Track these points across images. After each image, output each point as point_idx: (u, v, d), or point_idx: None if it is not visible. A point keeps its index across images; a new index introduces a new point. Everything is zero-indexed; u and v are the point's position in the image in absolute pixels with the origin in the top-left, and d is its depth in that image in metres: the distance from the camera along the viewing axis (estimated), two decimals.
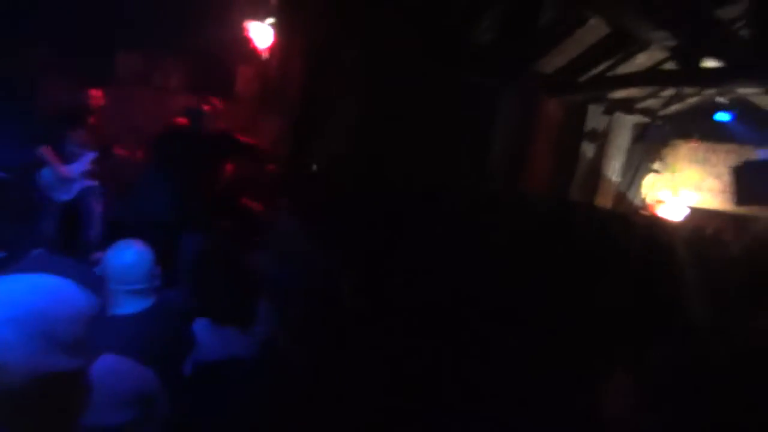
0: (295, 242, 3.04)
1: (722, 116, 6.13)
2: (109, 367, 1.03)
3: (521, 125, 5.78)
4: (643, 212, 7.35)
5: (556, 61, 5.54)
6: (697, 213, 6.96)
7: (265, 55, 4.93)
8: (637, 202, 7.52)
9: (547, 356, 2.07)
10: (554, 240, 3.07)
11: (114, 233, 3.24)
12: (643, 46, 5.03)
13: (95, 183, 3.52)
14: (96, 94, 3.42)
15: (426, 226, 3.34)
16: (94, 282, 0.86)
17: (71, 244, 3.21)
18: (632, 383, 1.82)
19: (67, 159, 3.37)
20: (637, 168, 7.36)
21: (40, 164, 3.27)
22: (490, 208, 3.94)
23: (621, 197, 7.29)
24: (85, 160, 3.44)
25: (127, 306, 1.49)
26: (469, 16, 4.70)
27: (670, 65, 5.31)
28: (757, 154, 6.21)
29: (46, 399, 0.71)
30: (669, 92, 6.12)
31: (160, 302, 1.64)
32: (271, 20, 4.83)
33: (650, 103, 6.57)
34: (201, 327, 1.81)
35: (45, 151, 3.26)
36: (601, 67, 5.55)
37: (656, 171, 7.38)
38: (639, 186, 7.50)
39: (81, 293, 0.80)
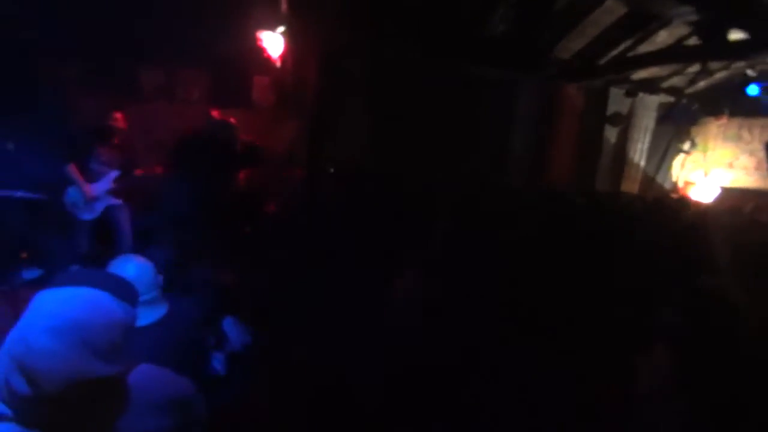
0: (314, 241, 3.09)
1: (753, 90, 5.85)
2: (142, 374, 1.06)
3: (541, 115, 5.66)
4: (673, 195, 7.09)
5: (573, 45, 5.40)
6: (730, 193, 6.67)
7: (278, 64, 5.01)
8: (666, 185, 7.26)
9: (575, 349, 2.03)
10: (577, 235, 3.00)
11: (142, 244, 3.35)
12: (664, 23, 4.85)
13: (119, 201, 3.58)
14: (120, 117, 3.54)
15: (444, 224, 3.31)
16: (130, 293, 0.90)
17: (102, 261, 3.32)
18: (662, 366, 1.76)
19: (92, 177, 3.43)
20: (665, 150, 7.11)
21: (68, 183, 3.35)
22: (510, 205, 3.88)
23: (649, 181, 7.05)
24: (109, 179, 3.51)
25: (141, 318, 1.50)
26: (481, 8, 4.63)
27: (693, 41, 5.11)
28: None
29: (86, 403, 0.75)
30: (694, 69, 5.88)
31: (174, 310, 1.68)
32: (281, 29, 4.89)
33: (675, 81, 6.33)
34: (228, 323, 1.92)
35: (71, 170, 3.33)
36: (621, 48, 5.38)
37: (686, 151, 7.11)
38: (668, 168, 7.25)
39: (116, 303, 0.84)
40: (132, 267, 1.58)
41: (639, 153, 6.74)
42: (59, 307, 0.77)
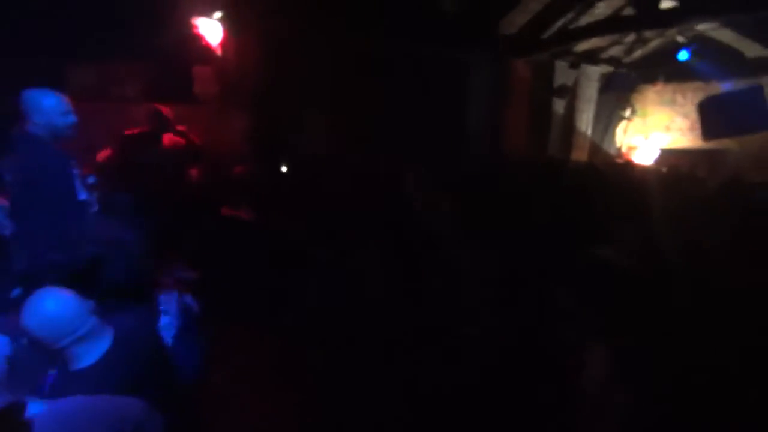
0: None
1: (683, 55, 6.18)
2: (77, 408, 0.99)
3: (492, 91, 5.72)
4: (618, 160, 7.47)
5: (517, 20, 5.47)
6: (669, 154, 7.11)
7: (219, 52, 4.72)
8: (611, 151, 7.63)
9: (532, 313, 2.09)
10: (534, 199, 3.08)
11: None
12: None
13: None
14: None
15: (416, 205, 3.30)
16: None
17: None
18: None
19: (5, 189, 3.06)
20: (608, 118, 7.43)
21: None
22: (474, 177, 3.92)
23: (596, 148, 7.38)
24: None
25: (87, 356, 1.33)
26: None
27: (629, 11, 5.31)
28: (721, 88, 6.32)
29: None
30: (631, 38, 6.14)
31: (122, 334, 1.47)
32: (218, 14, 4.60)
33: (614, 51, 6.59)
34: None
35: None
36: (563, 21, 5.51)
37: (627, 118, 7.48)
38: (612, 135, 7.60)
39: None
40: (51, 304, 1.30)
41: (585, 122, 7.01)
42: None
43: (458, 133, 5.55)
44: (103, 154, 3.74)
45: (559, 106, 6.66)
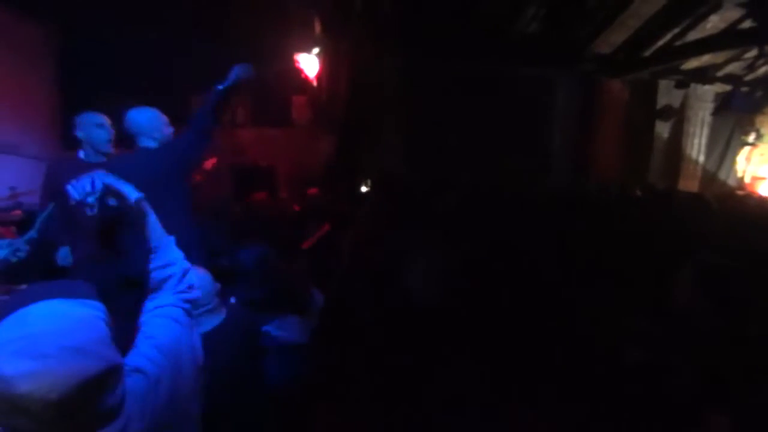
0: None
1: None
2: None
3: (581, 112, 5.45)
4: (739, 192, 6.51)
5: (614, 38, 5.18)
6: None
7: (315, 83, 5.24)
8: (730, 181, 6.68)
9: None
10: (622, 228, 2.83)
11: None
12: (712, 8, 4.56)
13: None
14: None
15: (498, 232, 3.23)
16: (84, 289, 0.89)
17: None
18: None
19: None
20: (727, 143, 6.56)
21: None
22: (552, 205, 3.74)
23: (710, 177, 6.53)
24: None
25: (201, 325, 1.58)
26: (511, 7, 4.59)
27: (748, 23, 4.74)
28: None
29: (82, 402, 0.77)
30: (753, 53, 5.44)
31: (230, 315, 1.76)
32: (316, 50, 5.13)
33: (732, 68, 5.87)
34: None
35: None
36: (668, 37, 5.09)
37: (751, 144, 6.53)
38: (732, 163, 6.67)
39: (73, 304, 0.83)
40: (193, 277, 1.60)
41: (696, 147, 6.27)
42: (14, 329, 0.77)
43: (543, 153, 5.35)
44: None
45: (663, 129, 6.08)
